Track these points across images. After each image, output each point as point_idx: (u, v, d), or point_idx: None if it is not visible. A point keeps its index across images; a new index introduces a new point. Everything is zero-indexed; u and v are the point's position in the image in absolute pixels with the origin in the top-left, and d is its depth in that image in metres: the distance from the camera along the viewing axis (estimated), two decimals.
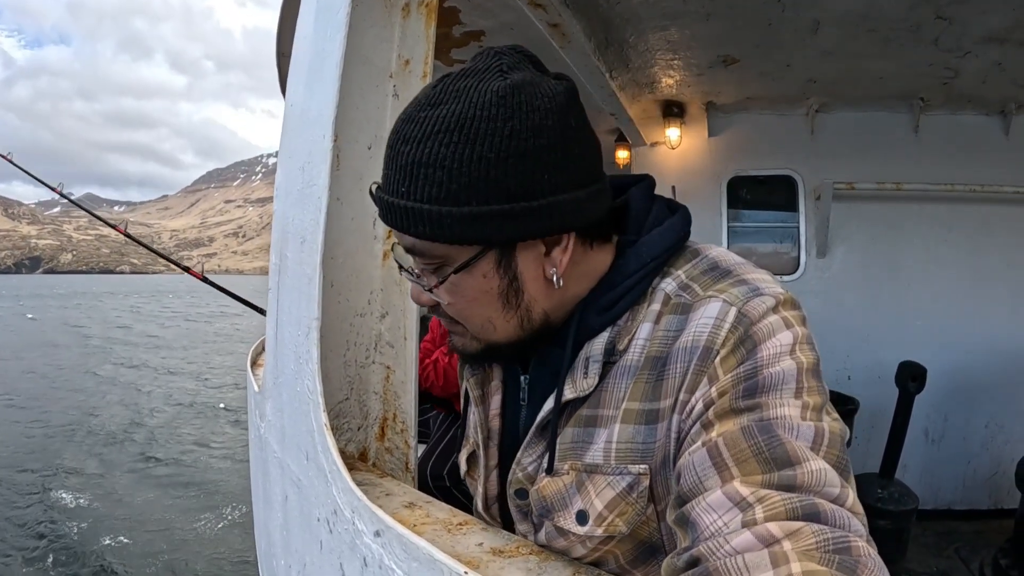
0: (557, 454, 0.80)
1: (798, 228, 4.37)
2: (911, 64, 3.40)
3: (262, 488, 1.59)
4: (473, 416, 0.95)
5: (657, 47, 3.26)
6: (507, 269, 0.73)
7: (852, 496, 0.59)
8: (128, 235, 3.10)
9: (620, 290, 0.78)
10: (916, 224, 4.17)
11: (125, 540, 5.92)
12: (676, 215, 0.84)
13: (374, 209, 1.30)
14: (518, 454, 0.86)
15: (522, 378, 0.89)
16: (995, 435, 4.14)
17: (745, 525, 0.55)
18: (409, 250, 0.75)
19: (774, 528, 0.53)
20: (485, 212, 0.67)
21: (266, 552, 1.60)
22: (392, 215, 0.71)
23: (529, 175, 0.67)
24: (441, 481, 2.87)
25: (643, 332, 0.76)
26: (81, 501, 6.98)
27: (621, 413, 0.75)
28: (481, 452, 0.94)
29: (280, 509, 1.28)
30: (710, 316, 0.70)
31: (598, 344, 0.78)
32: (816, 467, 0.59)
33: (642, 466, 0.72)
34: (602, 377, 0.77)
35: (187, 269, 3.01)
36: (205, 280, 2.99)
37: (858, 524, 0.56)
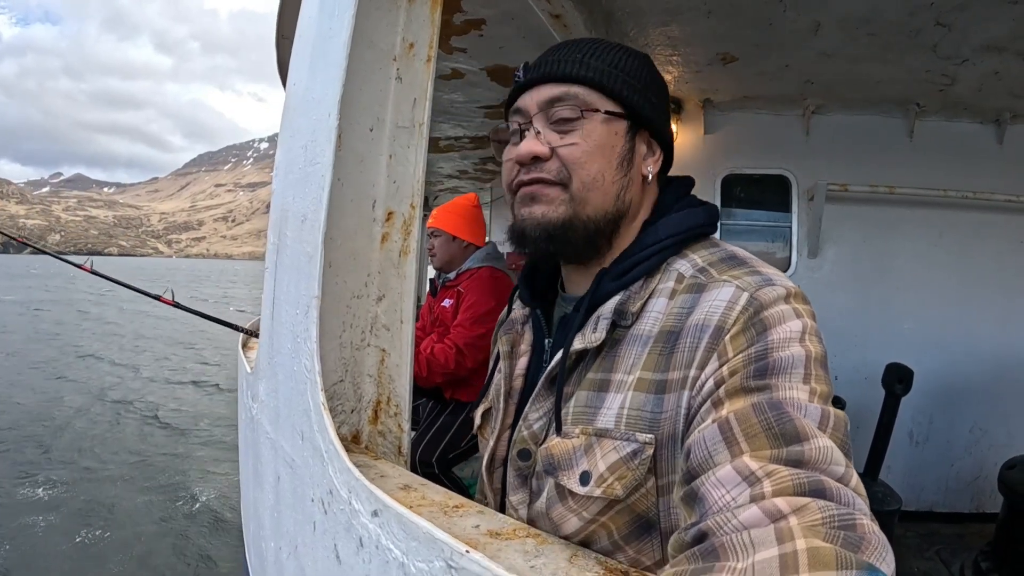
0: (570, 417, 0.83)
1: (790, 228, 4.38)
2: (909, 69, 3.42)
3: (252, 469, 1.58)
4: (498, 374, 1.02)
5: (657, 42, 3.26)
6: (630, 141, 0.91)
7: (855, 477, 0.61)
8: (95, 272, 2.99)
9: (635, 259, 0.86)
10: (908, 228, 4.20)
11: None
12: (700, 207, 0.92)
13: (374, 191, 1.30)
14: (526, 408, 0.90)
15: (546, 341, 0.96)
16: (979, 439, 4.18)
17: (753, 500, 0.56)
18: (557, 100, 0.89)
19: (781, 503, 0.54)
20: (641, 90, 0.91)
21: (255, 534, 1.60)
22: (564, 63, 0.90)
23: (663, 94, 0.97)
24: (429, 468, 2.88)
25: (658, 306, 0.81)
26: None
27: (634, 381, 0.77)
28: (501, 406, 0.98)
29: (271, 490, 1.28)
30: (723, 298, 0.74)
31: (609, 304, 0.84)
32: (823, 444, 0.61)
33: (649, 435, 0.74)
34: (616, 343, 0.82)
35: (157, 297, 2.94)
36: (176, 305, 2.91)
37: (862, 503, 0.57)
